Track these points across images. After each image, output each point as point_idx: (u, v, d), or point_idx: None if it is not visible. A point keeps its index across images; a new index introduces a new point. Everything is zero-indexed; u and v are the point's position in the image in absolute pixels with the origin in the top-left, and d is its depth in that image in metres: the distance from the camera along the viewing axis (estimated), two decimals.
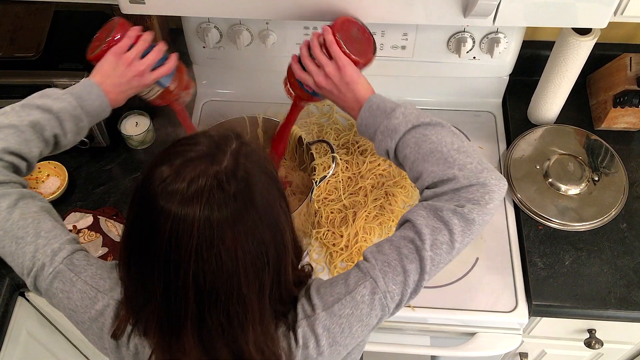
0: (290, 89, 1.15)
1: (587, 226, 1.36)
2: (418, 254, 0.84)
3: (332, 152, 1.32)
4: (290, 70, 1.11)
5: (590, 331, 1.40)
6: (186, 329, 0.74)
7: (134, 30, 1.05)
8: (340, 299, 0.83)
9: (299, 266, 0.86)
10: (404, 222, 0.90)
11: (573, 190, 1.40)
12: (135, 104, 1.53)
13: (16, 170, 0.96)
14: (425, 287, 0.88)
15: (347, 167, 1.47)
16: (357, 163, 1.47)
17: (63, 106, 0.97)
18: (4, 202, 0.89)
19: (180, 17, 1.44)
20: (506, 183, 0.91)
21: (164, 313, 0.74)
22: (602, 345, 1.39)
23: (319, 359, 0.83)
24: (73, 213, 1.38)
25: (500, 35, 1.40)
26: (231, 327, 0.74)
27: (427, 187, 0.91)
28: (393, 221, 1.39)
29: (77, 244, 0.90)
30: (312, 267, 0.89)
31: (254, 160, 0.76)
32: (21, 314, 1.36)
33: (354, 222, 1.37)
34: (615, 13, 1.06)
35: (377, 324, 0.85)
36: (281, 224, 0.77)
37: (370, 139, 1.00)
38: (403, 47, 1.46)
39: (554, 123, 1.53)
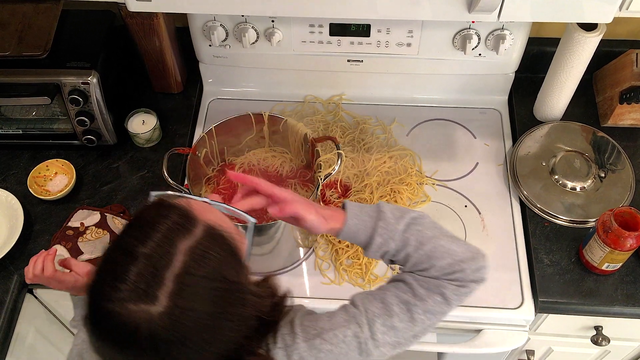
0: None
1: (594, 223, 1.36)
2: (409, 314, 0.86)
3: (338, 149, 1.32)
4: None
5: (597, 328, 1.39)
6: None
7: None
8: (322, 334, 0.84)
9: (278, 297, 0.84)
10: (398, 280, 0.90)
11: (579, 187, 1.40)
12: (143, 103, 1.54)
13: None
14: None
15: (352, 165, 1.47)
16: (363, 160, 1.48)
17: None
18: None
19: (186, 15, 1.44)
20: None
21: None
22: (609, 342, 1.39)
23: None
24: (80, 210, 1.39)
25: (505, 32, 1.39)
26: None
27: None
28: None
29: None
30: (290, 293, 0.87)
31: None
32: (29, 311, 1.37)
33: None
34: (620, 8, 1.06)
35: None
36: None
37: (361, 244, 0.95)
38: (408, 45, 1.46)
39: (560, 120, 1.53)
